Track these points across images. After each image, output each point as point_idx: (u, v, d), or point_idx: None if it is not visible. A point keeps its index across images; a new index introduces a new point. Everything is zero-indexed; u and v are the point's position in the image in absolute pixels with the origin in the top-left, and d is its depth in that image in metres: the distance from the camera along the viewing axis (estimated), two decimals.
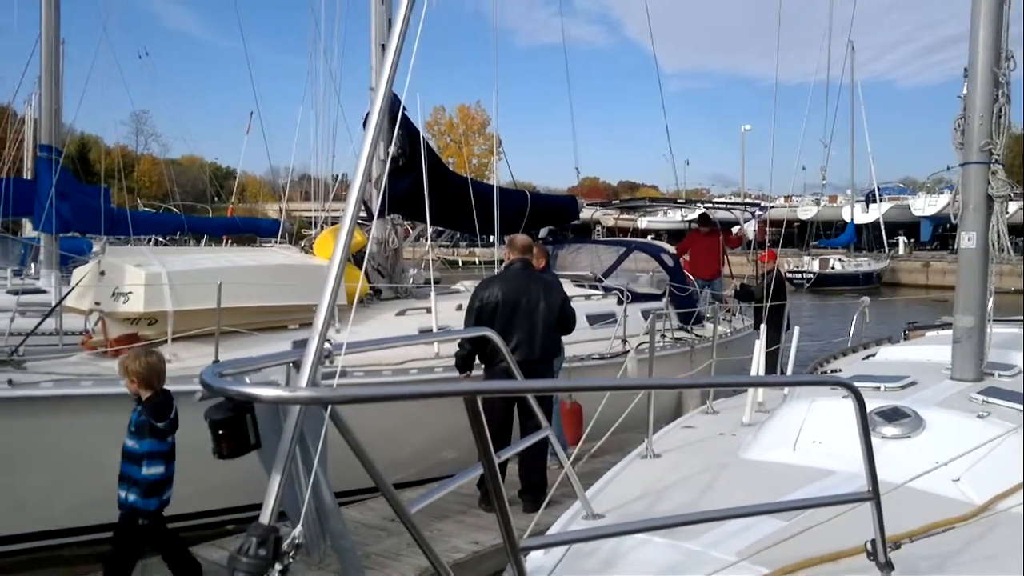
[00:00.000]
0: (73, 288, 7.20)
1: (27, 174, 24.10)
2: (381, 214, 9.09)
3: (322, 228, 10.11)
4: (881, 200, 53.95)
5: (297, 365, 2.00)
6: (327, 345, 1.92)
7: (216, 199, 41.33)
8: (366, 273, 8.54)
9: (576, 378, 8.23)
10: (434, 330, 7.80)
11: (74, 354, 7.20)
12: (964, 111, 4.98)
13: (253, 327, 7.04)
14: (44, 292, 10.97)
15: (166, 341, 6.72)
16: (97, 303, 7.06)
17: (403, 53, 2.05)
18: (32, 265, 14.43)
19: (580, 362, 8.45)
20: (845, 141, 46.53)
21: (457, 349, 6.48)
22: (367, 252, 8.56)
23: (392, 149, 8.81)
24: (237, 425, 1.71)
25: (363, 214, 8.98)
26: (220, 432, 1.71)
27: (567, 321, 6.73)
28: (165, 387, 4.88)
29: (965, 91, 4.98)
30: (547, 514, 4.36)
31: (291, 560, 1.71)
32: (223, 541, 6.00)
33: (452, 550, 5.66)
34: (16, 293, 11.06)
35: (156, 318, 6.92)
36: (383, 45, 9.39)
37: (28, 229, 21.31)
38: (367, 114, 9.65)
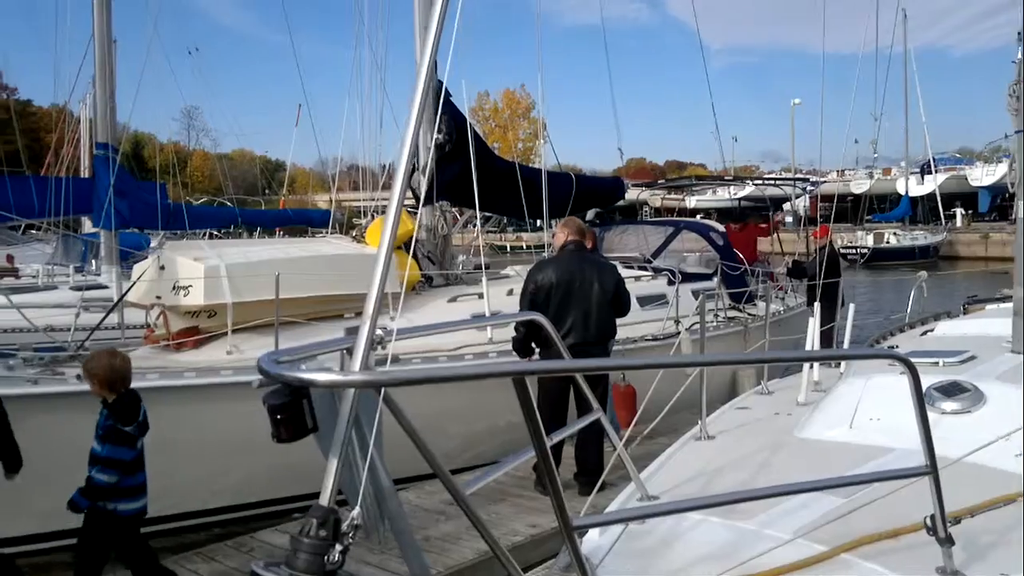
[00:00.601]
0: (134, 283, 7.37)
1: (84, 173, 24.74)
2: (429, 201, 9.14)
3: (372, 217, 10.23)
4: (937, 171, 52.61)
5: (350, 351, 2.04)
6: (378, 331, 1.95)
7: (266, 191, 41.97)
8: (416, 260, 8.61)
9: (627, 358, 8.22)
10: (487, 315, 7.84)
11: (137, 348, 7.38)
12: (1019, 76, 4.83)
13: (309, 317, 7.16)
14: (105, 288, 11.27)
15: (226, 333, 6.87)
16: (158, 297, 7.23)
17: (444, 39, 2.06)
18: (93, 262, 14.81)
19: (633, 344, 8.42)
20: (898, 112, 45.56)
21: (513, 333, 6.51)
22: (414, 239, 8.63)
23: (438, 135, 8.84)
24: (295, 410, 1.75)
25: (411, 201, 9.05)
26: (278, 417, 1.75)
27: (622, 303, 6.72)
28: (131, 388, 4.77)
29: (1020, 55, 4.83)
30: (602, 497, 4.38)
31: (351, 541, 1.75)
32: (286, 526, 6.14)
33: (510, 533, 5.71)
34: (79, 289, 11.39)
35: (215, 310, 7.06)
36: (425, 28, 9.40)
37: (87, 227, 21.88)
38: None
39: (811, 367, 5.14)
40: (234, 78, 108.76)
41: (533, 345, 6.45)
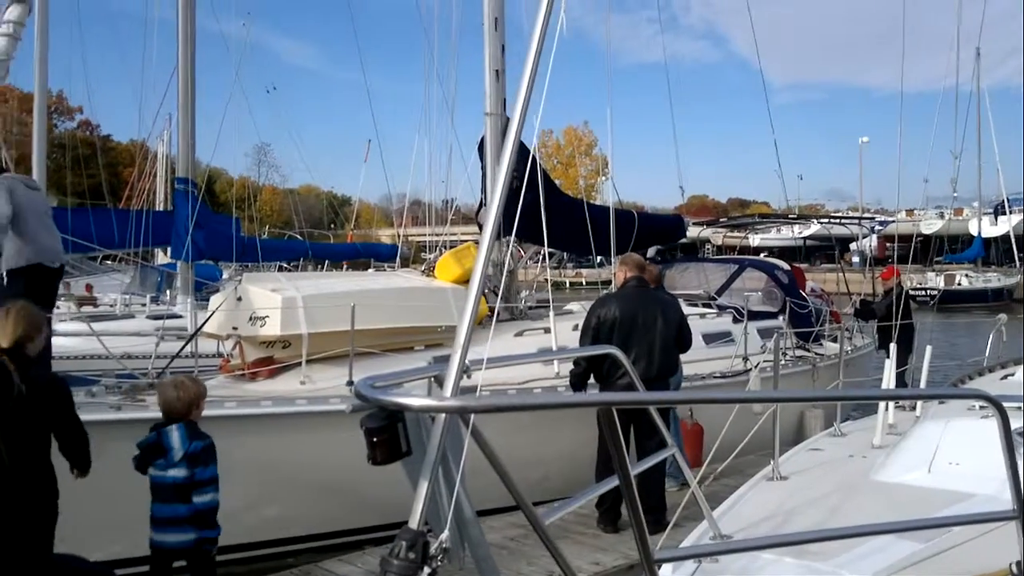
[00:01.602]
0: (212, 314, 7.54)
1: (159, 206, 25.59)
2: (497, 237, 9.25)
3: (440, 252, 10.36)
4: (1011, 212, 51.20)
5: (438, 379, 2.10)
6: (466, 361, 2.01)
7: (332, 226, 42.81)
8: (483, 295, 8.71)
9: (703, 391, 8.18)
10: (554, 349, 7.87)
11: (212, 377, 7.53)
12: None
13: (381, 348, 7.25)
14: (180, 317, 11.59)
15: (300, 363, 7.00)
16: (235, 328, 7.36)
17: (520, 78, 2.13)
18: (168, 292, 15.28)
19: (701, 380, 8.39)
20: (971, 151, 44.53)
21: (572, 367, 6.52)
22: (482, 274, 8.72)
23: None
24: (390, 432, 1.82)
25: (475, 235, 9.16)
26: (375, 439, 1.81)
27: (684, 339, 6.72)
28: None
29: None
30: (669, 537, 4.34)
31: (439, 564, 1.80)
32: (350, 556, 6.19)
33: (575, 570, 5.67)
34: (155, 318, 11.75)
35: (290, 341, 7.18)
36: (496, 71, 9.60)
37: (159, 258, 22.59)
38: (481, 139, 9.97)
39: (887, 409, 5.05)
40: (300, 115, 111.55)
41: (592, 381, 6.47)
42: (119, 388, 6.49)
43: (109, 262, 21.23)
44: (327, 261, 21.80)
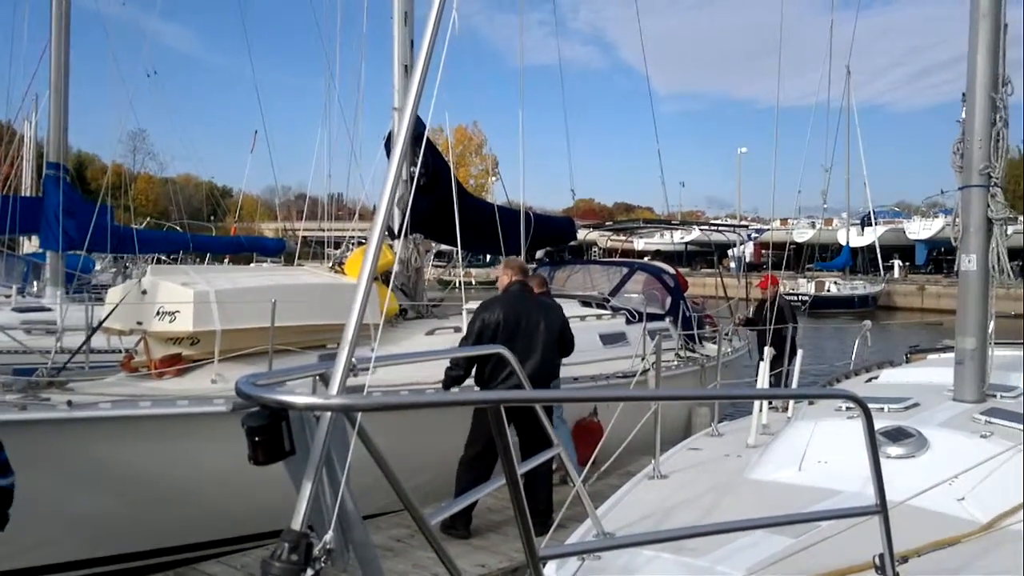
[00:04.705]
0: (116, 307, 7.12)
1: (25, 191, 24.17)
2: (404, 234, 9.19)
3: (348, 248, 10.20)
4: (876, 223, 54.17)
5: (323, 378, 2.06)
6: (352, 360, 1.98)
7: (212, 217, 41.41)
8: (392, 292, 8.63)
9: (590, 388, 8.31)
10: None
11: (111, 375, 7.19)
12: (963, 135, 5.05)
13: (292, 346, 7.06)
14: (49, 310, 10.99)
15: (211, 361, 6.74)
16: (139, 323, 7.00)
17: (429, 76, 2.12)
18: (34, 283, 14.46)
19: (606, 380, 8.55)
20: (841, 164, 46.82)
21: (449, 369, 6.43)
22: (393, 272, 8.65)
23: (415, 170, 8.93)
24: (273, 432, 1.76)
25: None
26: (256, 439, 1.76)
27: (566, 343, 6.78)
28: None
29: (964, 116, 5.05)
30: (553, 537, 4.39)
31: (322, 566, 1.76)
32: (228, 558, 6.01)
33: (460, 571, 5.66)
34: (21, 311, 11.09)
35: (199, 338, 6.90)
36: (406, 66, 9.52)
37: (26, 247, 21.34)
38: (388, 134, 9.84)
39: (761, 409, 5.25)
40: (181, 102, 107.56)
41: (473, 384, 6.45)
42: (12, 386, 6.11)
43: None
44: (208, 254, 21.07)
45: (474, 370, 6.40)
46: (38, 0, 12.69)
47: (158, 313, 6.84)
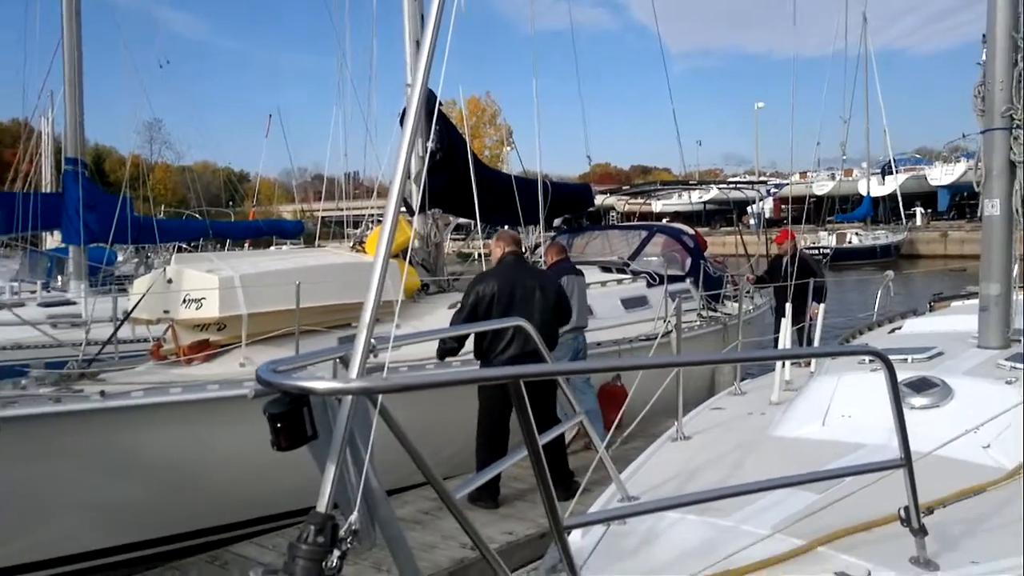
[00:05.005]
0: (143, 297, 7.20)
1: (45, 188, 24.37)
2: (422, 209, 9.21)
3: (368, 227, 10.22)
4: (897, 171, 53.52)
5: (343, 360, 2.08)
6: (372, 340, 2.00)
7: (231, 203, 41.62)
8: (412, 267, 8.66)
9: (609, 359, 8.31)
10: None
11: (140, 365, 7.28)
12: (984, 77, 4.96)
13: (320, 326, 7.12)
14: (74, 304, 11.13)
15: (238, 346, 6.83)
16: (166, 311, 7.09)
17: (438, 49, 2.11)
18: (58, 278, 14.64)
19: (629, 344, 8.57)
20: (859, 114, 46.23)
21: (440, 344, 6.41)
22: (410, 248, 8.67)
23: (430, 144, 8.92)
24: (294, 417, 1.79)
25: (403, 210, 9.10)
26: (278, 425, 1.78)
27: (563, 311, 6.77)
28: None
29: (984, 58, 4.96)
30: (579, 502, 4.42)
31: (348, 546, 1.79)
32: (261, 539, 6.11)
33: (487, 540, 5.72)
34: (46, 305, 11.24)
35: (226, 323, 6.97)
36: (417, 41, 9.46)
37: (48, 242, 21.55)
38: (403, 110, 9.80)
39: (783, 366, 5.24)
40: (195, 89, 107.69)
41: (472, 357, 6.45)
42: (45, 379, 6.26)
43: None
44: (228, 240, 21.19)
45: (471, 343, 6.41)
46: None
47: (184, 301, 6.92)
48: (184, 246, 19.27)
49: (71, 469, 5.86)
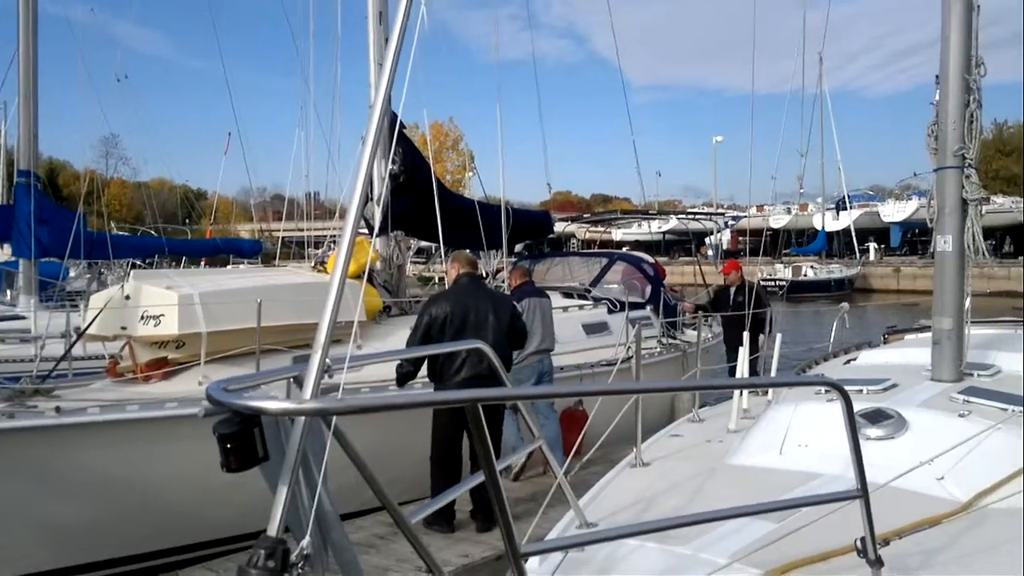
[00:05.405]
0: (100, 312, 7.03)
1: None
2: (384, 231, 9.16)
3: (330, 247, 10.14)
4: (851, 207, 54.62)
5: (298, 380, 2.03)
6: (327, 360, 1.95)
7: (187, 221, 41.11)
8: (374, 288, 8.59)
9: (571, 383, 8.33)
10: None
11: (95, 381, 7.12)
12: (937, 117, 5.07)
13: (281, 346, 7.02)
14: (23, 318, 10.85)
15: (199, 363, 6.70)
16: (123, 328, 6.94)
17: (399, 71, 2.09)
18: (7, 291, 14.29)
19: (591, 369, 8.63)
20: (816, 151, 47.18)
21: (398, 367, 6.36)
22: (368, 270, 8.62)
23: (393, 166, 8.90)
24: (245, 438, 1.73)
25: (365, 231, 9.08)
26: (228, 446, 1.72)
27: (517, 334, 6.71)
28: None
29: (937, 98, 5.08)
30: (537, 526, 4.38)
31: (300, 571, 1.73)
32: (214, 562, 5.97)
33: (442, 563, 5.65)
34: None
35: (185, 341, 6.86)
36: (380, 64, 9.43)
37: None
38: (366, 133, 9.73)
39: (741, 395, 5.26)
40: (153, 105, 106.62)
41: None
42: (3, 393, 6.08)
43: None
44: (184, 258, 20.86)
45: (424, 366, 6.33)
46: (4, 8, 12.53)
47: (143, 317, 6.79)
48: (139, 263, 18.96)
49: (22, 487, 5.69)
